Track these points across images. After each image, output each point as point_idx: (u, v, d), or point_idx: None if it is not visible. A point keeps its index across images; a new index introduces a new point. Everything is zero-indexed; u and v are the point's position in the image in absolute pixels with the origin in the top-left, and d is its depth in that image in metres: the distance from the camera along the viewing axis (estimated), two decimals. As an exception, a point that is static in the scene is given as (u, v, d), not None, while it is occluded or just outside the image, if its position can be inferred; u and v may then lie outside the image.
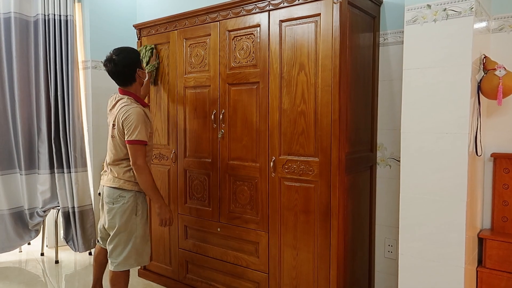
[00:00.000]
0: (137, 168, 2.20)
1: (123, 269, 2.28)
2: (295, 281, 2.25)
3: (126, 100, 2.26)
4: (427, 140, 1.84)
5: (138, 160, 2.19)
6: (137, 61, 2.31)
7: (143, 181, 2.22)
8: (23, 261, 3.52)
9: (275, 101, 2.24)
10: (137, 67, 2.30)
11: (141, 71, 2.33)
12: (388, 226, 2.44)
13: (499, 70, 1.79)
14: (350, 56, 2.10)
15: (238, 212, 2.46)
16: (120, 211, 2.24)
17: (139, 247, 2.30)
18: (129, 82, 2.30)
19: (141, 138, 2.19)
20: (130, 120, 2.18)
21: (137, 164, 2.19)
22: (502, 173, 1.99)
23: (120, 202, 2.25)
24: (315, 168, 2.12)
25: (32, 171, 3.50)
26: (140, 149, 2.19)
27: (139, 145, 2.19)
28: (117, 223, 2.25)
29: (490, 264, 1.95)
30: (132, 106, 2.21)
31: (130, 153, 2.20)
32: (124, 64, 2.25)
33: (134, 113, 2.18)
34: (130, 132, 2.17)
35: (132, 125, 2.17)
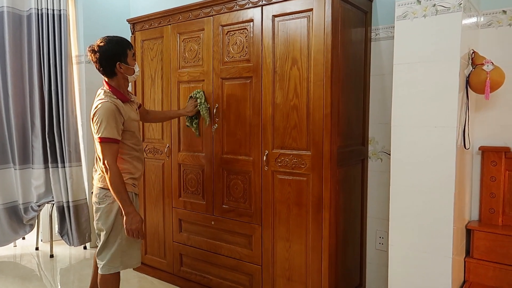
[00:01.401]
0: (105, 168, 1.99)
1: (109, 272, 2.13)
2: (287, 273, 2.28)
3: (101, 94, 2.10)
4: (416, 133, 1.88)
5: (106, 159, 1.98)
6: (117, 54, 2.09)
7: (110, 182, 1.99)
8: (17, 255, 3.53)
9: (268, 95, 2.26)
10: (117, 61, 2.09)
11: (124, 66, 2.11)
12: (379, 218, 2.48)
13: (487, 65, 1.82)
14: (342, 51, 2.13)
15: (232, 206, 2.49)
16: (106, 211, 2.10)
17: (126, 248, 2.14)
18: (109, 75, 2.12)
19: (109, 136, 1.99)
20: (98, 115, 2.01)
21: (106, 163, 1.98)
22: (489, 166, 2.03)
23: (106, 202, 2.10)
24: (307, 161, 2.15)
25: (26, 165, 3.50)
26: (109, 147, 1.99)
27: (107, 143, 1.99)
28: (103, 223, 2.11)
29: (477, 255, 2.00)
30: (103, 101, 2.03)
31: (100, 151, 2.02)
32: (103, 57, 2.08)
33: (102, 108, 2.01)
34: (99, 129, 1.99)
35: (99, 121, 1.99)
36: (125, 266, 2.17)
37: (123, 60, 2.11)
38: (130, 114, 2.15)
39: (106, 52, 2.08)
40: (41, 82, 3.44)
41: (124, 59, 2.11)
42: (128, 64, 2.13)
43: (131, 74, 2.16)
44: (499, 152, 2.00)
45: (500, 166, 2.00)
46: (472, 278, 2.00)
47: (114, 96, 2.09)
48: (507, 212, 2.01)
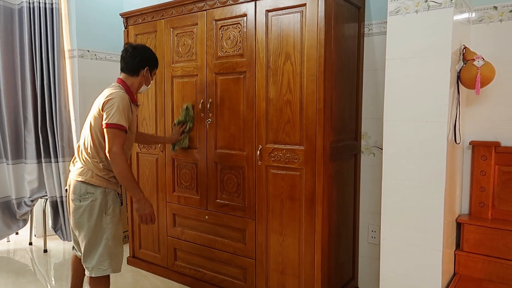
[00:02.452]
0: (113, 156, 1.94)
1: (98, 275, 2.05)
2: (281, 266, 2.31)
3: (115, 87, 2.10)
4: (408, 128, 1.90)
5: (114, 146, 1.94)
6: (151, 61, 2.22)
7: (118, 171, 1.97)
8: (11, 250, 3.53)
9: (261, 90, 2.27)
10: (147, 65, 2.18)
11: (148, 72, 2.19)
12: (372, 212, 2.51)
13: (478, 60, 1.84)
14: (335, 46, 2.14)
15: (226, 200, 2.50)
16: (88, 210, 2.01)
17: (112, 250, 2.06)
18: (131, 72, 2.15)
19: (122, 123, 1.96)
20: (112, 102, 1.98)
21: (113, 151, 1.94)
22: (480, 160, 2.06)
23: (88, 200, 2.01)
24: (300, 156, 2.16)
25: (19, 160, 3.49)
26: (118, 134, 1.95)
27: (118, 129, 1.95)
28: (85, 223, 2.02)
29: (467, 248, 2.03)
30: (118, 91, 2.04)
31: (107, 138, 1.95)
32: (141, 55, 2.16)
33: (118, 96, 2.00)
34: (111, 115, 1.95)
35: (114, 107, 1.96)
36: (113, 270, 2.09)
37: (151, 69, 2.23)
38: (134, 115, 2.17)
39: (145, 53, 2.20)
40: (33, 77, 3.42)
41: (152, 69, 2.24)
42: (150, 75, 2.25)
43: (147, 84, 2.25)
44: (489, 146, 2.02)
45: (490, 161, 2.03)
46: (462, 270, 2.03)
47: (127, 93, 2.10)
48: (497, 205, 2.04)
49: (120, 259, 2.13)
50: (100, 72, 3.66)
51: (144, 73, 2.18)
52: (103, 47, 3.69)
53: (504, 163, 2.01)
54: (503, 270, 1.93)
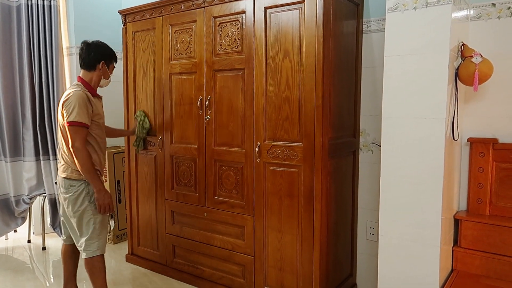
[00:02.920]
0: (75, 151, 2.13)
1: (89, 256, 2.24)
2: (279, 263, 2.31)
3: (73, 86, 2.25)
4: (406, 125, 1.90)
5: (76, 142, 2.12)
6: (106, 55, 2.34)
7: (81, 164, 2.14)
8: (9, 248, 3.53)
9: (260, 87, 2.27)
10: (102, 59, 2.31)
11: (105, 66, 2.33)
12: (370, 209, 2.51)
13: (476, 57, 1.84)
14: (334, 43, 2.14)
15: (224, 197, 2.51)
16: (73, 199, 2.22)
17: (99, 233, 2.26)
18: (88, 67, 2.29)
19: (80, 120, 2.13)
20: (69, 102, 2.14)
21: (75, 146, 2.13)
22: (478, 157, 2.06)
23: (72, 191, 2.22)
24: (299, 153, 2.17)
25: (17, 158, 3.49)
26: (79, 131, 2.13)
27: (78, 126, 2.13)
28: (72, 210, 2.23)
29: (465, 244, 2.04)
30: (75, 90, 2.18)
31: (69, 135, 2.14)
32: (95, 50, 2.29)
33: (74, 95, 2.15)
34: (69, 114, 2.12)
35: (71, 106, 2.13)
36: (101, 250, 2.28)
37: (107, 63, 2.35)
38: (98, 106, 2.31)
39: (99, 48, 2.32)
40: (32, 74, 3.42)
41: (109, 63, 2.37)
42: (108, 69, 2.37)
43: (106, 78, 2.37)
44: (487, 143, 2.03)
45: (488, 157, 2.03)
46: (460, 266, 2.04)
47: (85, 88, 2.25)
48: (494, 202, 2.05)
49: (105, 241, 2.32)
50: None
51: (100, 67, 2.31)
52: (102, 44, 3.68)
53: (501, 159, 2.01)
54: (500, 266, 1.93)
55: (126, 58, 2.95)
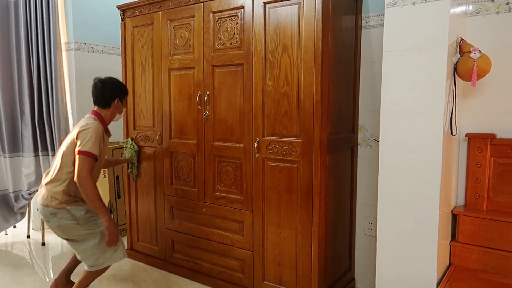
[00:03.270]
0: (81, 180, 2.13)
1: (98, 269, 2.29)
2: (278, 258, 2.32)
3: (90, 118, 2.32)
4: (405, 120, 1.90)
5: (83, 171, 2.13)
6: (121, 92, 2.43)
7: (86, 194, 2.15)
8: (9, 244, 3.53)
9: (259, 82, 2.27)
10: (117, 97, 2.39)
11: (119, 103, 2.41)
12: (369, 204, 2.52)
13: (474, 52, 1.85)
14: (333, 39, 2.14)
15: (223, 192, 2.51)
16: (60, 227, 2.24)
17: (102, 248, 2.26)
18: (103, 105, 2.37)
19: (93, 151, 2.17)
20: (87, 131, 2.20)
21: (81, 175, 2.12)
22: (475, 152, 2.07)
23: (54, 219, 2.22)
24: (297, 148, 2.17)
25: (16, 154, 3.48)
26: (88, 161, 2.16)
27: (89, 157, 2.16)
28: (66, 237, 2.28)
29: (462, 239, 2.05)
30: (94, 122, 2.27)
31: (77, 163, 2.14)
32: (110, 89, 2.37)
33: (93, 127, 2.23)
34: (84, 143, 2.16)
35: (87, 136, 2.18)
36: (114, 259, 2.32)
37: (121, 99, 2.44)
38: (105, 144, 2.40)
39: (113, 85, 2.40)
40: (30, 70, 3.41)
41: (122, 98, 2.45)
42: (122, 104, 2.46)
43: (120, 113, 2.47)
44: (485, 138, 2.04)
45: (486, 153, 2.04)
46: (457, 261, 2.06)
47: (100, 124, 2.33)
48: (492, 197, 2.06)
49: (117, 249, 2.31)
50: (97, 65, 3.65)
51: (115, 104, 2.40)
52: (100, 40, 3.68)
53: (499, 155, 2.02)
54: (497, 260, 1.95)
55: (124, 54, 2.94)
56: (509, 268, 1.92)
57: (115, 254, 2.31)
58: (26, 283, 2.74)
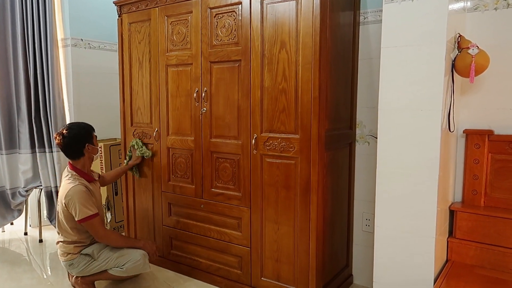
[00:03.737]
0: (102, 239, 2.37)
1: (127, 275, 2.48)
2: (276, 254, 2.32)
3: (69, 178, 2.36)
4: (403, 117, 1.90)
5: (99, 232, 2.34)
6: (85, 137, 2.41)
7: (114, 244, 2.42)
8: (6, 241, 3.52)
9: (256, 79, 2.26)
10: (86, 142, 2.40)
11: (91, 146, 2.43)
12: (366, 201, 2.53)
13: (472, 48, 1.84)
14: (331, 35, 2.13)
15: (221, 189, 2.51)
16: (80, 272, 2.41)
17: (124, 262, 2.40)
18: (77, 156, 2.40)
19: (90, 213, 2.30)
20: (72, 201, 2.28)
21: (100, 235, 2.35)
22: (473, 149, 2.07)
23: (73, 268, 2.42)
24: (295, 145, 2.17)
25: (12, 150, 3.47)
26: (94, 222, 2.32)
27: (90, 220, 2.30)
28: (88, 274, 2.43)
29: (460, 235, 2.06)
30: (73, 185, 2.31)
31: (89, 229, 2.35)
32: (73, 141, 2.36)
33: (73, 193, 2.29)
34: (78, 213, 2.28)
35: (76, 205, 2.28)
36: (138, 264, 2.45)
37: (90, 141, 2.43)
38: (96, 193, 2.48)
39: (76, 136, 2.38)
40: (26, 66, 3.39)
41: (91, 140, 2.44)
42: (94, 145, 2.46)
43: (95, 153, 2.48)
44: (483, 135, 2.04)
45: (483, 149, 2.04)
46: (454, 257, 2.06)
47: (81, 178, 2.39)
48: (489, 193, 2.06)
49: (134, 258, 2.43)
50: (94, 61, 3.63)
51: (87, 149, 2.42)
52: (97, 36, 3.66)
53: (497, 151, 2.02)
54: (494, 256, 1.95)
55: (121, 50, 2.92)
56: (506, 264, 1.93)
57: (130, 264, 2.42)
58: (24, 280, 2.74)
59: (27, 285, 2.66)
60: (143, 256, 2.44)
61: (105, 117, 3.69)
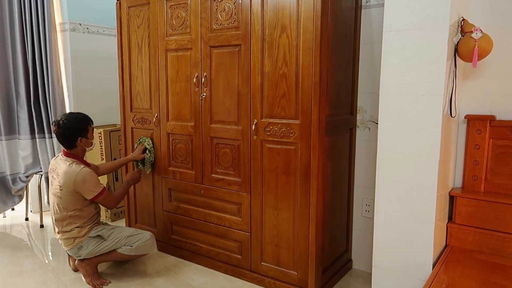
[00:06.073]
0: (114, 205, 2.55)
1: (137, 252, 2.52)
2: (276, 239, 2.34)
3: (72, 163, 2.40)
4: (404, 102, 1.89)
5: (111, 202, 2.50)
6: (80, 129, 2.44)
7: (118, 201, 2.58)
8: (7, 226, 3.54)
9: (257, 63, 2.24)
10: (79, 136, 2.43)
11: (84, 140, 2.45)
12: (366, 186, 2.53)
13: (476, 32, 1.81)
14: (332, 19, 2.10)
15: (221, 175, 2.51)
16: (89, 253, 2.44)
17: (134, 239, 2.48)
18: (69, 147, 2.45)
19: (100, 188, 2.41)
20: (83, 183, 2.36)
21: (112, 205, 2.53)
22: (474, 134, 2.06)
23: (83, 251, 2.44)
24: (296, 130, 2.16)
25: (12, 136, 3.46)
26: (105, 195, 2.44)
27: (103, 194, 2.42)
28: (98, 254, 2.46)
29: (459, 220, 2.06)
30: (81, 168, 2.38)
31: (102, 204, 2.48)
32: (68, 131, 2.40)
33: (84, 175, 2.36)
34: (93, 190, 2.38)
35: (89, 185, 2.37)
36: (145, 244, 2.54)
37: (84, 135, 2.45)
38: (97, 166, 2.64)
39: (70, 128, 2.40)
40: (25, 51, 3.36)
41: (85, 134, 2.46)
42: (88, 139, 2.48)
43: (89, 146, 2.51)
44: (484, 120, 2.03)
45: (485, 134, 2.03)
46: (454, 242, 2.07)
47: (81, 163, 2.44)
48: (489, 179, 2.06)
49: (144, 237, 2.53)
50: (93, 46, 3.60)
51: (80, 143, 2.45)
52: (96, 20, 3.61)
53: (498, 136, 2.01)
54: (493, 241, 1.96)
55: (120, 34, 2.89)
56: (505, 249, 1.94)
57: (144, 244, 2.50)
58: (25, 265, 2.76)
59: (29, 270, 2.68)
60: (152, 236, 2.54)
61: (105, 103, 3.67)
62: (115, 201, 2.53)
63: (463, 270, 1.82)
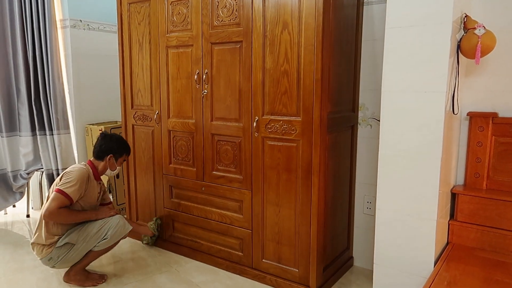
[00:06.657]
0: (49, 214, 2.21)
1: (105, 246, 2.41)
2: (277, 236, 2.33)
3: (81, 164, 2.44)
4: (406, 99, 1.88)
5: (51, 205, 2.20)
6: (117, 150, 2.49)
7: (65, 220, 2.30)
8: (9, 223, 3.55)
9: (258, 60, 2.23)
10: (111, 153, 2.46)
11: (113, 160, 2.48)
12: (368, 184, 2.52)
13: (479, 29, 1.80)
14: (334, 15, 2.09)
15: (222, 172, 2.50)
16: (63, 263, 2.35)
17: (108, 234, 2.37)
18: (96, 157, 2.47)
19: (70, 194, 2.25)
20: (70, 174, 2.30)
21: (49, 209, 2.20)
22: (477, 131, 2.05)
23: (54, 262, 2.34)
24: (297, 127, 2.15)
25: (13, 133, 3.46)
26: (62, 200, 2.23)
27: (63, 196, 2.23)
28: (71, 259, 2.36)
29: (461, 217, 2.06)
30: (80, 167, 2.37)
31: (51, 199, 2.24)
32: (106, 143, 2.46)
33: (78, 170, 2.33)
34: (65, 184, 2.26)
35: (69, 179, 2.28)
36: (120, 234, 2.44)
37: (116, 157, 2.50)
38: (93, 190, 2.42)
39: (112, 142, 2.48)
40: (25, 47, 3.35)
41: (118, 156, 2.52)
42: (116, 162, 2.52)
43: (112, 169, 2.52)
44: (487, 117, 2.02)
45: (487, 132, 2.02)
46: (455, 239, 2.07)
47: (90, 169, 2.42)
48: (492, 176, 2.05)
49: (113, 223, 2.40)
50: (93, 43, 3.59)
51: (107, 159, 2.46)
52: (96, 17, 3.60)
53: (500, 134, 2.01)
54: (495, 239, 1.96)
55: (121, 31, 2.88)
56: (507, 247, 1.93)
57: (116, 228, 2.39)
58: (26, 262, 2.76)
59: (30, 267, 2.68)
60: (120, 217, 2.43)
61: (106, 100, 3.66)
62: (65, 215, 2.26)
63: (465, 267, 1.82)
